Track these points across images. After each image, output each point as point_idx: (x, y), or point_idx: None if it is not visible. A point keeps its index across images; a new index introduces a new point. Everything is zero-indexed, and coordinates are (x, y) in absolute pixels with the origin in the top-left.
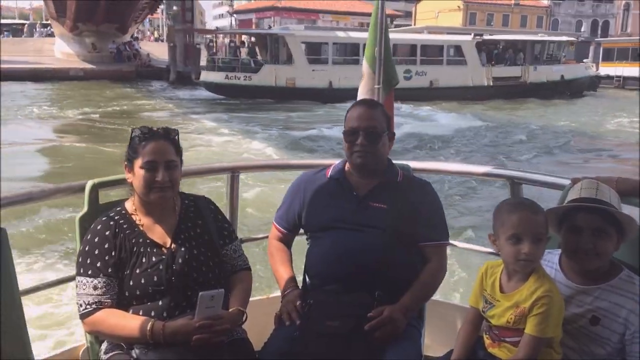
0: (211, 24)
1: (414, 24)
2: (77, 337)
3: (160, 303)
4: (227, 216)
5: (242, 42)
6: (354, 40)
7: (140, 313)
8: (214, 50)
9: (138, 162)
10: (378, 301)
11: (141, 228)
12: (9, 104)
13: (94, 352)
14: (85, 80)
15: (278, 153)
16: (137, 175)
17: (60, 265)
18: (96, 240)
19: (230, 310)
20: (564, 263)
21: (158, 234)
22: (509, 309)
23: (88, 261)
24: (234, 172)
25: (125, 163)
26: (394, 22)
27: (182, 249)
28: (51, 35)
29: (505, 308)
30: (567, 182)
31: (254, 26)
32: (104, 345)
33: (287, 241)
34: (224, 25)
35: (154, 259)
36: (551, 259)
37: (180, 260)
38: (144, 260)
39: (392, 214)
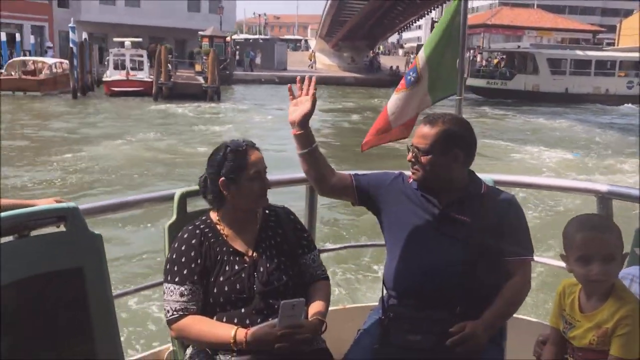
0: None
1: (618, 39)
2: (163, 340)
3: (242, 311)
4: (305, 227)
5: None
6: (588, 57)
7: (224, 320)
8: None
9: (245, 175)
10: (459, 317)
11: (225, 237)
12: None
13: (179, 356)
14: (355, 85)
15: None
16: (247, 187)
17: (150, 271)
18: (183, 248)
19: (310, 319)
20: None
21: (240, 243)
22: (591, 330)
23: (175, 269)
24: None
25: (223, 179)
26: (596, 37)
27: (264, 257)
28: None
29: (586, 329)
30: None
31: None
32: (189, 350)
33: (342, 186)
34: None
35: (236, 267)
36: (636, 274)
37: (261, 269)
38: (227, 268)
39: (475, 227)
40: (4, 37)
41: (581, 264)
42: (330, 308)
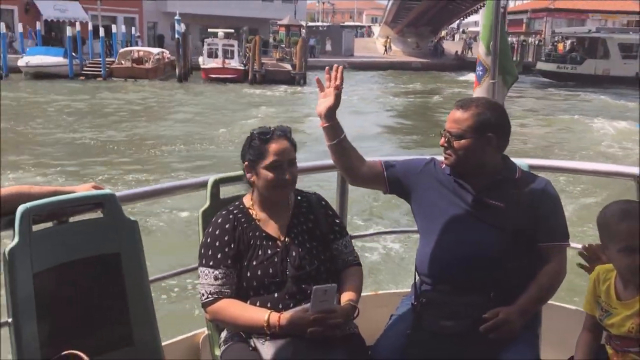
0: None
1: None
2: (199, 324)
3: (276, 295)
4: (337, 213)
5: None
6: None
7: (257, 304)
8: (543, 47)
9: (263, 163)
10: (493, 302)
11: (257, 222)
12: (373, 85)
13: (213, 339)
14: (421, 70)
15: None
16: (263, 175)
17: (185, 256)
18: (217, 232)
19: (342, 304)
20: None
21: (273, 228)
22: (629, 317)
23: (209, 253)
24: None
25: (246, 163)
26: None
27: (295, 242)
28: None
29: (624, 317)
30: None
31: (523, 26)
32: (223, 334)
33: (372, 175)
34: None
35: (269, 251)
36: None
37: (293, 254)
38: (260, 252)
39: (510, 213)
40: (114, 29)
41: (626, 254)
42: (362, 294)
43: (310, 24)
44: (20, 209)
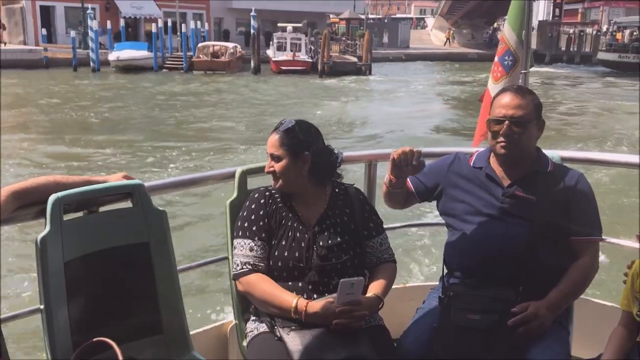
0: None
1: None
2: (227, 315)
3: (300, 284)
4: None
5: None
6: None
7: None
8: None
9: None
10: (522, 297)
11: (292, 204)
12: (431, 75)
13: (241, 329)
14: (477, 60)
15: None
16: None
17: (213, 246)
18: (253, 206)
19: (367, 296)
20: None
21: (306, 214)
22: None
23: (245, 225)
24: (370, 162)
25: None
26: None
27: (325, 233)
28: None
29: None
30: None
31: (579, 16)
32: (249, 324)
33: (407, 198)
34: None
35: (298, 235)
36: None
37: (321, 243)
38: (290, 234)
39: (541, 205)
40: (192, 25)
41: None
42: None
43: (367, 16)
44: (52, 198)
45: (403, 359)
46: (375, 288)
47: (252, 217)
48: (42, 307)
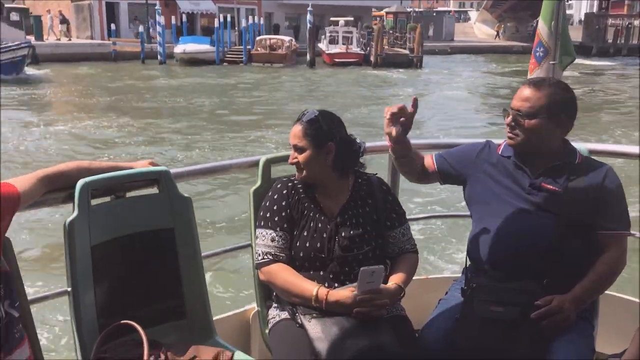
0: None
1: None
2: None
3: (321, 273)
4: None
5: None
6: None
7: None
8: None
9: None
10: (546, 290)
11: (315, 195)
12: (476, 67)
13: (263, 316)
14: (521, 53)
15: None
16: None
17: (237, 233)
18: (275, 197)
19: (388, 285)
20: None
21: (328, 205)
22: None
23: (268, 215)
24: None
25: None
26: None
27: (347, 224)
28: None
29: None
30: None
31: (625, 8)
32: (271, 311)
33: (428, 173)
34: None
35: (319, 225)
36: None
37: (343, 234)
38: (311, 224)
39: (568, 198)
40: (245, 21)
41: None
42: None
43: (413, 10)
44: (80, 183)
45: (425, 350)
46: (396, 278)
47: (275, 208)
48: (69, 289)
